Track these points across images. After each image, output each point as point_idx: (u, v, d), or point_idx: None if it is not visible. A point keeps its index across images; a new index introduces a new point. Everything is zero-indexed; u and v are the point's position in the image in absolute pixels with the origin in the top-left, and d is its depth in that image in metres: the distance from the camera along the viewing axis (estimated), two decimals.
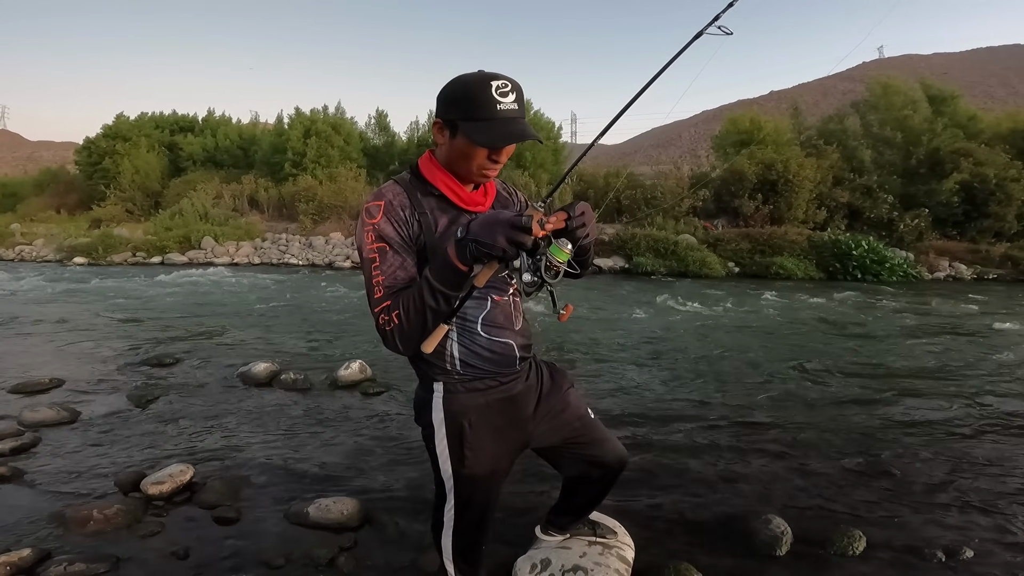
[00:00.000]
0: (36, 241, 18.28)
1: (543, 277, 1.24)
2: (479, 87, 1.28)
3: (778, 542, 2.30)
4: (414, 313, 1.28)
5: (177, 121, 27.37)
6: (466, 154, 1.34)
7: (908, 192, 16.71)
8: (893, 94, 18.71)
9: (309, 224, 18.40)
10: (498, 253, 1.18)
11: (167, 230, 17.21)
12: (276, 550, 2.26)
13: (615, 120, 1.32)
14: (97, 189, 23.40)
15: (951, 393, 4.42)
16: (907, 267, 14.18)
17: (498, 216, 1.20)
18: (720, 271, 14.09)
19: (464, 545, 1.65)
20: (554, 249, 1.24)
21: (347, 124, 23.19)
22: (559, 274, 1.26)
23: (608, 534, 2.15)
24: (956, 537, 2.40)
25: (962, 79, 43.08)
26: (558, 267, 1.25)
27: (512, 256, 1.20)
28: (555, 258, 1.24)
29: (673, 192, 17.36)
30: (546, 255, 1.24)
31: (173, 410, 3.89)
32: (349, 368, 4.52)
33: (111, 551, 2.22)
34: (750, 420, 3.80)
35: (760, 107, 29.05)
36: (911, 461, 3.17)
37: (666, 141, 55.29)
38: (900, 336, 6.76)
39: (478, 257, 1.21)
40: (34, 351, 5.56)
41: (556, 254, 1.24)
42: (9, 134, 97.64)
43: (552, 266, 1.24)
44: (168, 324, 7.06)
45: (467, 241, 1.21)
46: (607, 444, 1.77)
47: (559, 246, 1.24)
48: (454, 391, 1.50)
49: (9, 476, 2.84)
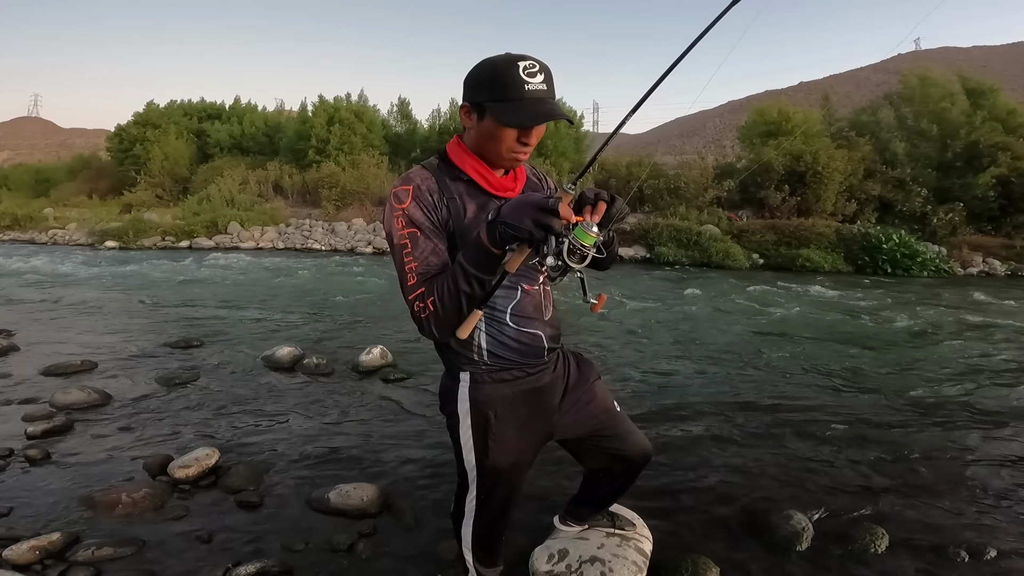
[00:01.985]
0: (69, 225, 18.77)
1: (566, 261, 1.18)
2: (506, 68, 1.26)
3: (798, 537, 2.27)
4: (449, 299, 1.27)
5: (205, 109, 27.84)
6: (495, 136, 1.32)
7: (942, 185, 16.23)
8: (930, 86, 18.14)
9: (332, 210, 18.58)
10: (525, 236, 1.17)
11: (195, 215, 17.54)
12: (297, 535, 2.29)
13: (644, 99, 1.24)
14: (128, 175, 23.94)
15: (979, 390, 4.31)
16: (939, 262, 13.80)
17: (527, 199, 1.19)
18: (744, 262, 13.86)
19: (484, 535, 1.66)
20: (579, 232, 1.16)
21: (370, 112, 23.34)
22: (585, 258, 1.19)
23: (627, 526, 2.14)
24: (981, 536, 2.34)
25: (1003, 72, 41.50)
26: (583, 251, 1.18)
27: (540, 239, 1.17)
28: (580, 241, 1.17)
29: (697, 182, 17.12)
30: (569, 238, 1.17)
31: (199, 394, 3.97)
32: (370, 353, 4.56)
33: (138, 534, 2.28)
34: (772, 414, 3.74)
35: (789, 98, 28.41)
36: (936, 459, 3.10)
37: (690, 131, 54.42)
38: (929, 332, 6.58)
39: (507, 239, 1.20)
40: (66, 333, 5.71)
41: (581, 237, 1.16)
42: (42, 121, 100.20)
43: (576, 249, 1.18)
44: (195, 307, 7.20)
45: (498, 223, 1.20)
46: (632, 438, 1.75)
47: (584, 229, 1.17)
48: (480, 381, 1.49)
49: (40, 459, 2.91)
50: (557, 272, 1.23)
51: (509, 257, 1.25)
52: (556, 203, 1.15)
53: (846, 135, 18.22)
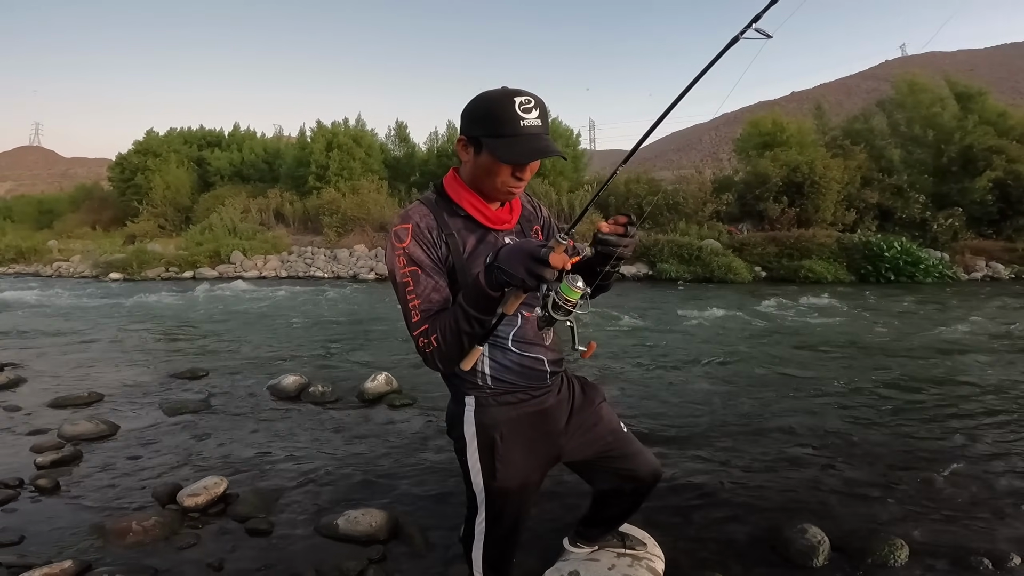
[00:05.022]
0: (73, 257, 18.90)
1: (551, 314, 1.20)
2: (502, 104, 1.29)
3: (815, 552, 2.24)
4: (451, 336, 1.30)
5: (204, 136, 28.09)
6: (491, 171, 1.36)
7: (940, 191, 16.31)
8: (920, 92, 18.33)
9: (333, 237, 18.69)
10: (519, 283, 1.19)
11: (198, 245, 17.65)
12: (306, 562, 2.28)
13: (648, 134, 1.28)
14: (130, 205, 24.07)
15: (993, 398, 4.28)
16: (942, 268, 13.80)
17: (523, 246, 1.21)
18: (746, 276, 13.88)
19: (494, 558, 1.65)
20: (565, 287, 1.18)
21: (367, 136, 23.55)
22: (570, 313, 1.21)
23: (637, 545, 2.13)
24: (1003, 545, 2.31)
25: (989, 75, 41.93)
26: (568, 306, 1.19)
27: (533, 287, 1.20)
28: (565, 296, 1.19)
29: (696, 196, 17.21)
30: (554, 293, 1.20)
31: (206, 423, 3.97)
32: (375, 380, 4.56)
33: (150, 563, 2.27)
34: (783, 428, 3.73)
35: (781, 108, 28.58)
36: (954, 467, 3.07)
37: (686, 145, 54.83)
38: (939, 341, 6.57)
39: (504, 284, 1.22)
40: (73, 365, 5.73)
41: (566, 292, 1.18)
42: (44, 151, 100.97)
43: (560, 305, 1.20)
44: (200, 338, 7.22)
45: (494, 268, 1.23)
46: (640, 458, 1.75)
47: (570, 284, 1.18)
48: (486, 404, 1.51)
49: (51, 488, 2.92)
50: (543, 323, 1.24)
51: (506, 300, 1.27)
52: (548, 253, 1.15)
53: (841, 144, 18.35)
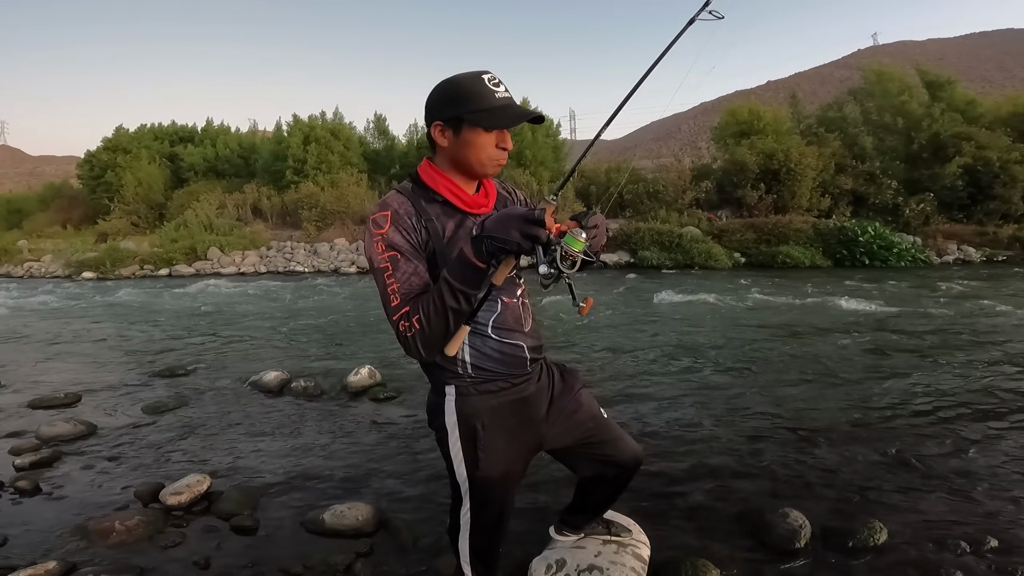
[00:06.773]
0: (44, 257, 18.45)
1: (560, 267, 1.24)
2: (474, 82, 1.34)
3: (796, 535, 2.28)
4: (435, 315, 1.30)
5: (176, 132, 27.51)
6: (475, 145, 1.37)
7: (912, 177, 16.66)
8: (888, 81, 18.69)
9: (313, 231, 18.49)
10: (512, 248, 1.21)
11: (173, 242, 17.34)
12: (294, 557, 2.27)
13: (613, 116, 1.34)
14: (101, 203, 23.58)
15: (972, 381, 4.36)
16: (915, 252, 14.12)
17: (512, 212, 1.23)
18: (726, 262, 14.05)
19: (481, 547, 1.66)
20: (569, 239, 1.23)
21: (346, 129, 23.28)
22: (576, 263, 1.25)
23: (623, 532, 2.15)
24: (980, 526, 2.37)
25: (958, 64, 42.83)
26: (574, 256, 1.24)
27: (527, 250, 1.23)
28: (570, 247, 1.23)
29: (675, 184, 17.34)
30: (561, 245, 1.24)
31: (187, 421, 3.92)
32: (358, 374, 4.54)
33: (135, 562, 2.25)
34: (763, 413, 3.79)
35: (758, 97, 29.01)
36: (931, 451, 3.13)
37: (665, 134, 55.23)
38: (915, 322, 6.72)
39: (494, 253, 1.24)
40: (50, 366, 5.61)
41: (571, 243, 1.23)
42: (10, 149, 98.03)
43: (568, 255, 1.24)
44: (179, 335, 7.11)
45: (483, 238, 1.24)
46: (621, 443, 1.77)
47: (574, 235, 1.23)
48: (466, 393, 1.51)
49: (31, 490, 2.88)
50: (550, 280, 1.27)
51: (494, 271, 1.29)
52: (542, 214, 1.20)
53: (815, 131, 18.63)
